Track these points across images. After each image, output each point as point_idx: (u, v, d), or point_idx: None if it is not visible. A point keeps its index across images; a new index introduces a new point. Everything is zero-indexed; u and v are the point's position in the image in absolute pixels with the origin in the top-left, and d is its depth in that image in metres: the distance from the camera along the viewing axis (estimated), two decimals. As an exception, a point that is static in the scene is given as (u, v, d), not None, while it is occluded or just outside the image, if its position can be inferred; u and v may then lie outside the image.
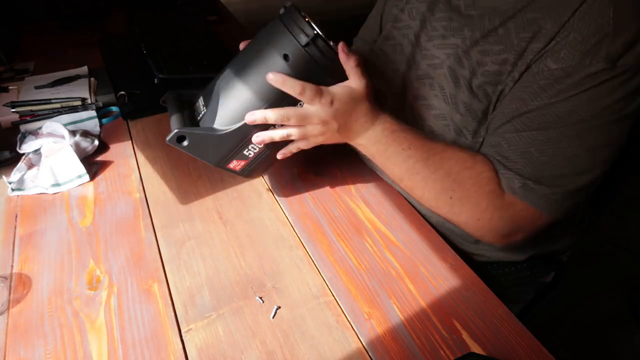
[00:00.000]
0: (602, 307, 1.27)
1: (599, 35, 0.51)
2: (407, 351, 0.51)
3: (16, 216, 0.69)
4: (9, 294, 0.58)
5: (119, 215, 0.69)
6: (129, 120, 0.92)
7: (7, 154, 0.79)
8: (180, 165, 0.79)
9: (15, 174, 0.74)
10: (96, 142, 0.82)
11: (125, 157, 0.82)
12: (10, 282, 0.59)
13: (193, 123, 0.61)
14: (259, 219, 0.68)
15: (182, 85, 1.01)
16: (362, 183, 0.75)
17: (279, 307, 0.56)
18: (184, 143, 0.58)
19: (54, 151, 0.75)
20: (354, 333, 0.53)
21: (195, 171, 0.78)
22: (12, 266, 0.61)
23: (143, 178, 0.77)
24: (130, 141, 0.86)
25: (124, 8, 1.46)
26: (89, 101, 0.94)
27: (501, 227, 0.61)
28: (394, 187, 0.74)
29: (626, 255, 1.61)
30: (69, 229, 0.67)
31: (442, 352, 0.51)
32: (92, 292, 0.58)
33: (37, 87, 0.98)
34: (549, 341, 0.52)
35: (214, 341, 0.52)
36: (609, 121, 0.54)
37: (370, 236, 0.65)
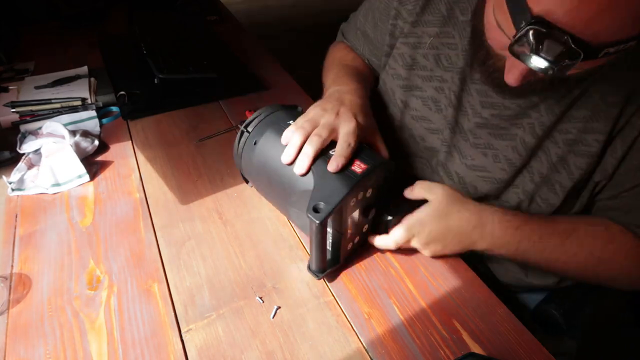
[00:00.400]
0: (602, 307, 1.27)
1: None
2: (407, 351, 0.51)
3: (16, 216, 0.69)
4: (9, 294, 0.58)
5: (119, 215, 0.69)
6: (129, 120, 0.92)
7: (7, 154, 0.79)
8: (180, 165, 0.79)
9: (15, 174, 0.75)
10: (96, 142, 0.82)
11: (125, 157, 0.82)
12: (10, 282, 0.59)
13: None
14: (259, 219, 0.68)
15: (182, 85, 1.01)
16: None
17: (279, 307, 0.56)
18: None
19: (54, 151, 0.75)
20: (354, 333, 0.53)
21: (195, 171, 0.78)
22: (12, 266, 0.61)
23: (143, 178, 0.76)
24: (130, 141, 0.86)
25: (124, 8, 1.46)
26: (89, 101, 0.94)
27: None
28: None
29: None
30: (69, 229, 0.67)
31: (442, 352, 0.51)
32: (92, 292, 0.58)
33: (37, 87, 0.98)
34: (548, 341, 0.53)
35: (214, 341, 0.52)
36: None
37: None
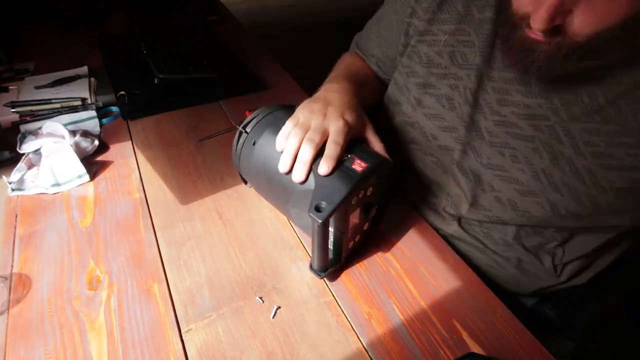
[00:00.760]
0: (602, 307, 1.27)
1: None
2: (407, 351, 0.51)
3: (16, 216, 0.69)
4: (9, 294, 0.58)
5: (119, 215, 0.69)
6: (129, 120, 0.92)
7: (7, 154, 0.79)
8: (180, 165, 0.79)
9: (15, 174, 0.75)
10: (96, 142, 0.82)
11: (125, 157, 0.82)
12: (10, 282, 0.59)
13: None
14: (259, 219, 0.68)
15: (182, 85, 1.01)
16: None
17: (279, 307, 0.56)
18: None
19: (54, 151, 0.75)
20: (354, 333, 0.53)
21: (195, 171, 0.78)
22: (12, 266, 0.61)
23: (143, 178, 0.77)
24: (130, 141, 0.86)
25: (124, 8, 1.46)
26: (89, 101, 0.94)
27: None
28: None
29: (626, 255, 1.61)
30: (69, 229, 0.67)
31: (442, 352, 0.51)
32: (92, 292, 0.58)
33: (37, 87, 0.98)
34: (548, 341, 0.53)
35: (214, 341, 0.52)
36: None
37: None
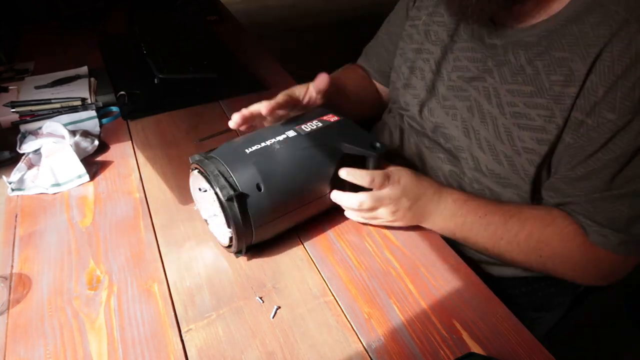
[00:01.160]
0: (602, 307, 1.27)
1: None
2: (407, 351, 0.51)
3: (16, 216, 0.69)
4: (9, 294, 0.58)
5: (119, 215, 0.69)
6: (129, 120, 0.92)
7: (7, 154, 0.79)
8: (180, 165, 0.79)
9: (15, 174, 0.75)
10: (96, 142, 0.82)
11: (125, 157, 0.82)
12: (10, 282, 0.59)
13: None
14: (259, 219, 0.68)
15: (182, 85, 1.01)
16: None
17: (279, 307, 0.56)
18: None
19: (54, 151, 0.75)
20: (354, 333, 0.53)
21: (195, 171, 0.78)
22: (12, 266, 0.61)
23: (143, 178, 0.76)
24: (130, 141, 0.86)
25: (124, 8, 1.46)
26: (89, 101, 0.94)
27: (600, 274, 0.62)
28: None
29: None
30: (69, 229, 0.67)
31: (442, 352, 0.51)
32: (92, 292, 0.58)
33: (37, 87, 0.98)
34: (548, 341, 0.53)
35: (214, 341, 0.52)
36: None
37: (370, 236, 0.65)
